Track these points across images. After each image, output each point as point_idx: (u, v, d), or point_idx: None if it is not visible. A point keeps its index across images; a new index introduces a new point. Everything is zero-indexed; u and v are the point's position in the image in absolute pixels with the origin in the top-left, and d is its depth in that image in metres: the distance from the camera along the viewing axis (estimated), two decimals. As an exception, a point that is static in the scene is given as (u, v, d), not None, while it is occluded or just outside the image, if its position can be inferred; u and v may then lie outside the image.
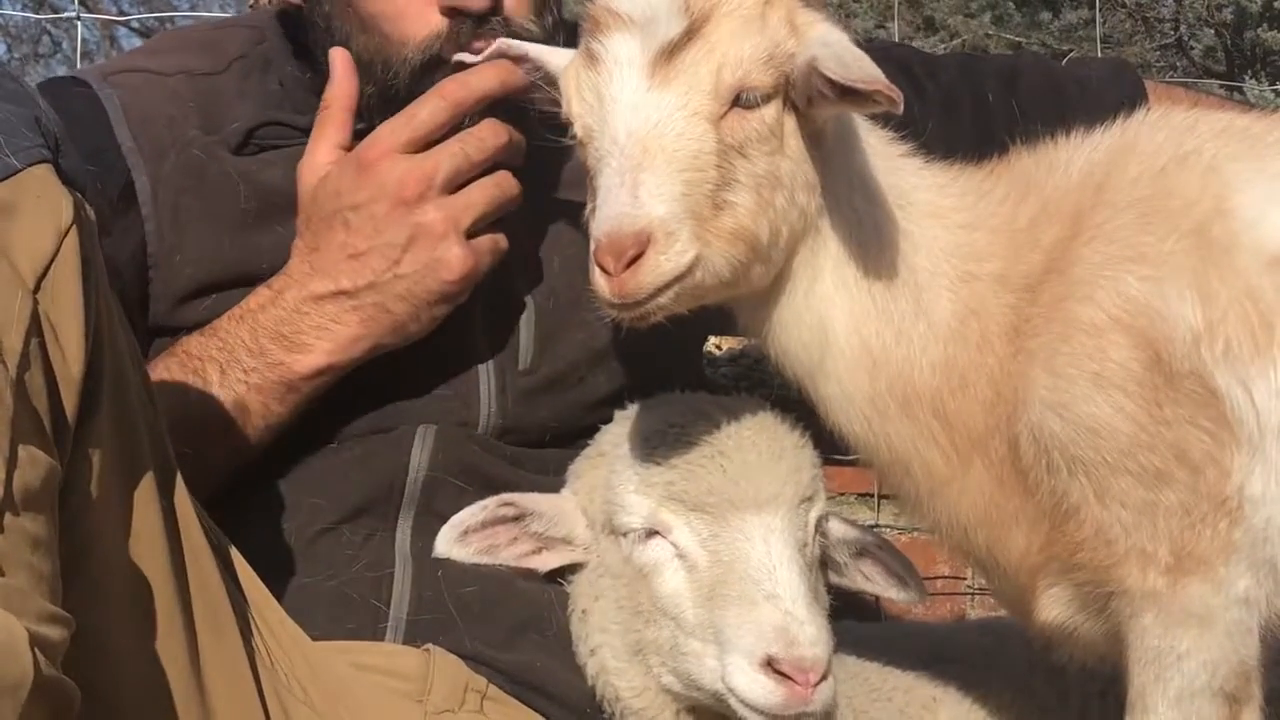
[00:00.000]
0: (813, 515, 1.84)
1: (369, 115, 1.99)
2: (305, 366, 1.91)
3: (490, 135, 1.93)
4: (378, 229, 1.89)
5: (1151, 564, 1.65)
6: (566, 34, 2.05)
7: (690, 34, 1.62)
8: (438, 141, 1.91)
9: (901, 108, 1.60)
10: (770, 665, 1.67)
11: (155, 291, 2.00)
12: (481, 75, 1.90)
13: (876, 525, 3.14)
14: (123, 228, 1.97)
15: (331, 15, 2.03)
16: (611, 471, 1.87)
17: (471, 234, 1.92)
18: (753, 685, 1.68)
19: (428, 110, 1.91)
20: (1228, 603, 1.65)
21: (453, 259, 1.89)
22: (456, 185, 1.91)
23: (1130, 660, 1.69)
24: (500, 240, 1.95)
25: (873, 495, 3.24)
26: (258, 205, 2.01)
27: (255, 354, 1.90)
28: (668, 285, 1.59)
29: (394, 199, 1.89)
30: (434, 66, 1.96)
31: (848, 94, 1.63)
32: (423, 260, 1.89)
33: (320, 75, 2.02)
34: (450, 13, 1.94)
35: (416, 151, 1.90)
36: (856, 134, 1.80)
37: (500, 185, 1.94)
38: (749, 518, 1.77)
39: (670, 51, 1.62)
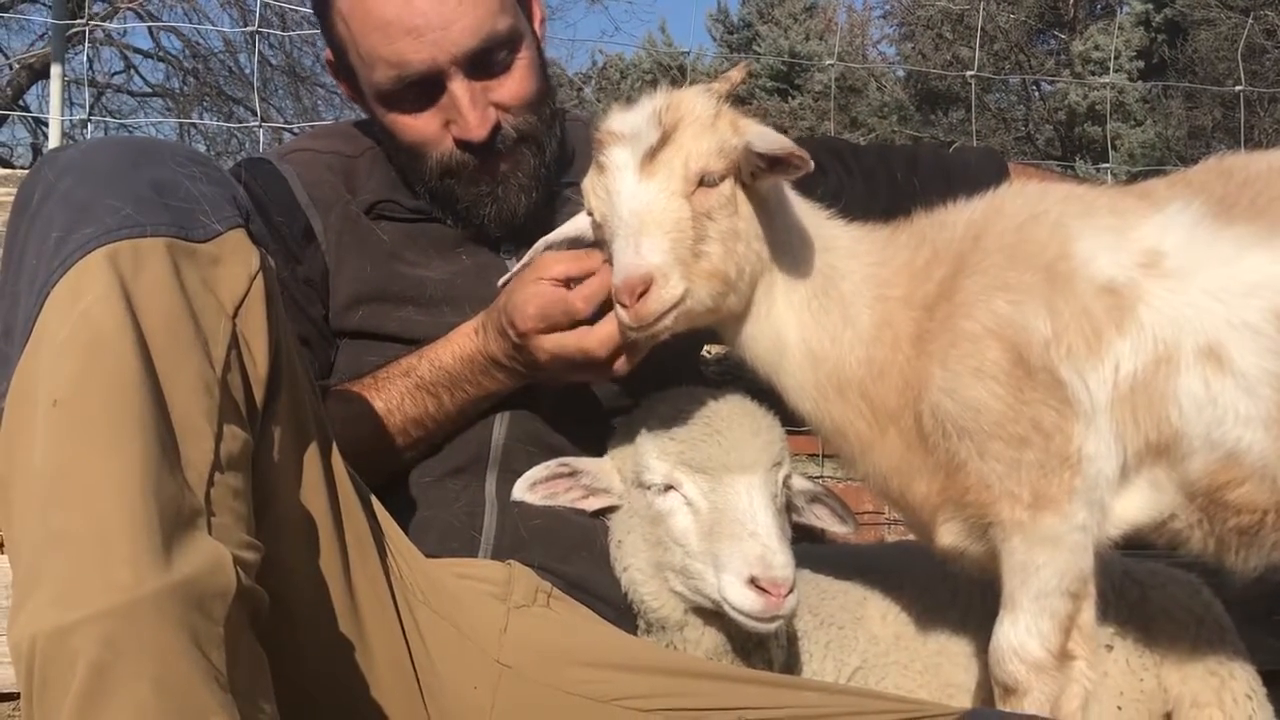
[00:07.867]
0: (781, 474, 1.82)
1: (434, 208, 1.98)
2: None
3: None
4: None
5: (1018, 503, 1.64)
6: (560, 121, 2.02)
7: (664, 139, 1.63)
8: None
9: (812, 166, 1.61)
10: (753, 582, 1.66)
11: (330, 302, 1.98)
12: None
13: (821, 477, 3.13)
14: (310, 256, 1.96)
15: (381, 134, 2.02)
16: (639, 443, 1.85)
17: None
18: (741, 596, 1.67)
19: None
20: (1071, 529, 1.64)
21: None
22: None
23: (1003, 571, 1.68)
24: None
25: (818, 455, 3.23)
26: (389, 249, 1.99)
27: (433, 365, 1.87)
28: (667, 311, 1.59)
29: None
30: (453, 172, 1.93)
31: (774, 164, 1.64)
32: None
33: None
34: (460, 143, 1.91)
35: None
36: (790, 201, 1.79)
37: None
38: (737, 477, 1.76)
39: (652, 153, 1.62)
